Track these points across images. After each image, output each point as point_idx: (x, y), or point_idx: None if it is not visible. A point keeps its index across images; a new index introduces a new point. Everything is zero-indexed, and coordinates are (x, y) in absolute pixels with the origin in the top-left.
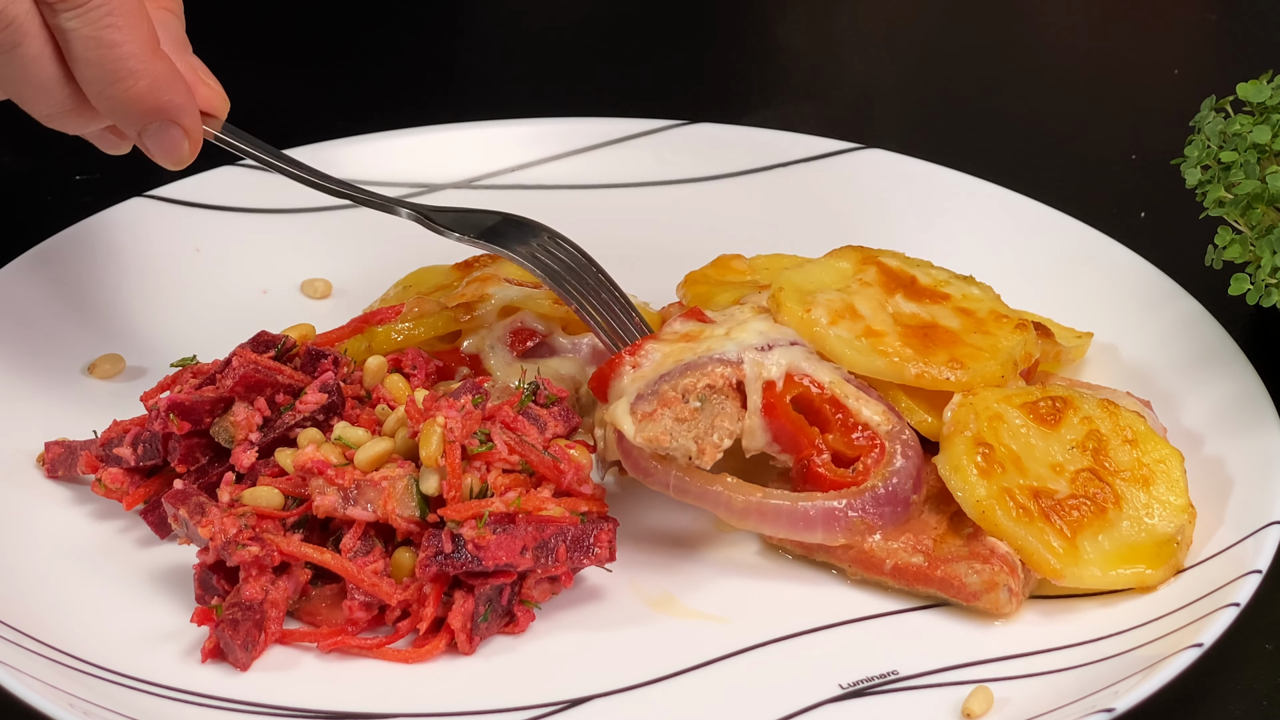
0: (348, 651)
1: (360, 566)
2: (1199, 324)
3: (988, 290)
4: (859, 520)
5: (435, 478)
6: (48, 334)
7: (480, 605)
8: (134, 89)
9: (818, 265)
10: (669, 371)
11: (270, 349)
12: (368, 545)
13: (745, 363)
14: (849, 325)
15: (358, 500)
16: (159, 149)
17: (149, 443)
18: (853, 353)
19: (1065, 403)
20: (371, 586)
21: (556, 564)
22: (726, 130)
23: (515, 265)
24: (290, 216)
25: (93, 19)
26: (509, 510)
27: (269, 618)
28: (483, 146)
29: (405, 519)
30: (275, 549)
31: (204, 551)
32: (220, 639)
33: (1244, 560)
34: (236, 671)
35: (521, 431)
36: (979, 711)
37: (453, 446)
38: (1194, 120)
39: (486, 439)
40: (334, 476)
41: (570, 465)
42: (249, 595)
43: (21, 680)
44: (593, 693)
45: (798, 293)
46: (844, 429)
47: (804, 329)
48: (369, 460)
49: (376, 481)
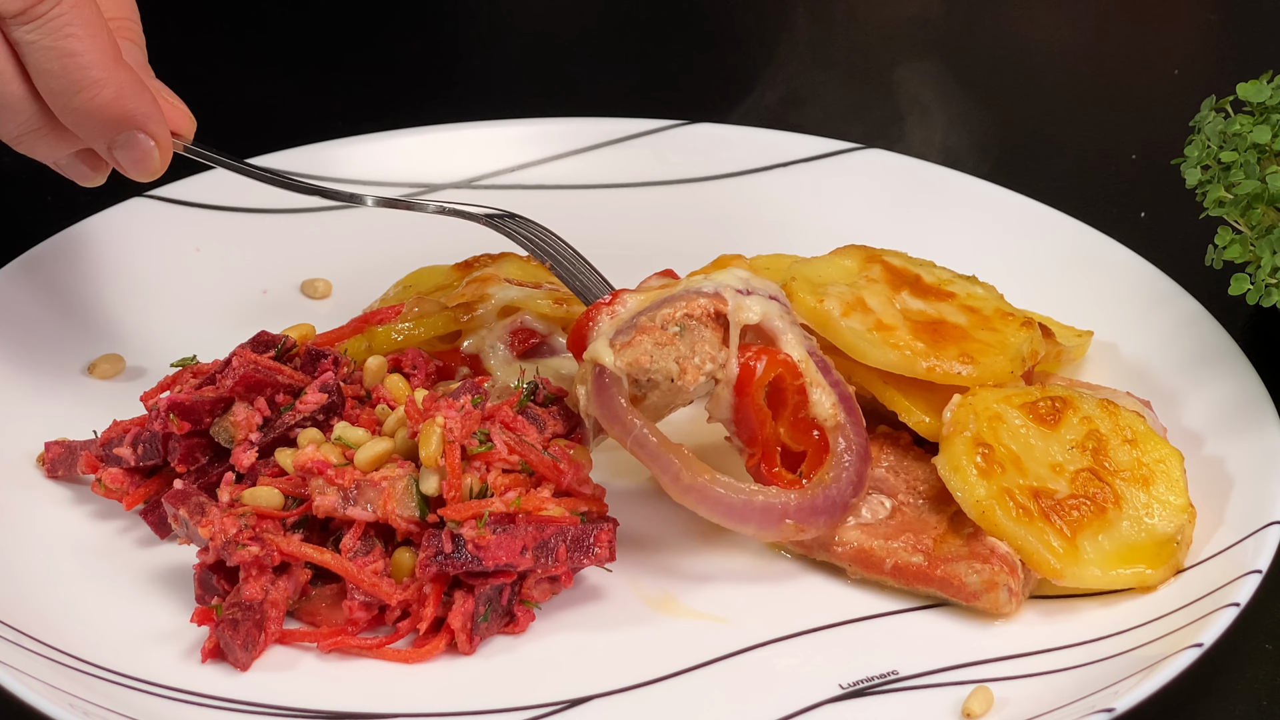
0: (348, 652)
1: (360, 566)
2: (1199, 324)
3: (991, 290)
4: (793, 525)
5: (435, 478)
6: (48, 334)
7: (480, 605)
8: (99, 97)
9: (823, 262)
10: (647, 307)
11: (270, 349)
12: (368, 545)
13: (726, 296)
14: (860, 318)
15: (357, 500)
16: (129, 160)
17: (149, 443)
18: (865, 344)
19: (1065, 403)
20: (371, 587)
21: (556, 564)
22: (726, 130)
23: (515, 265)
24: (290, 216)
25: (51, 29)
26: (509, 510)
27: (269, 618)
28: (483, 146)
29: (405, 519)
30: (275, 549)
31: (204, 551)
32: (220, 639)
33: (1244, 560)
34: (236, 671)
35: (521, 431)
36: (979, 711)
37: (452, 446)
38: (1194, 120)
39: (486, 439)
40: (334, 477)
41: (570, 465)
42: (249, 595)
43: (21, 680)
44: (593, 693)
45: (809, 284)
46: (794, 420)
47: (817, 319)
48: (369, 460)
49: (376, 482)
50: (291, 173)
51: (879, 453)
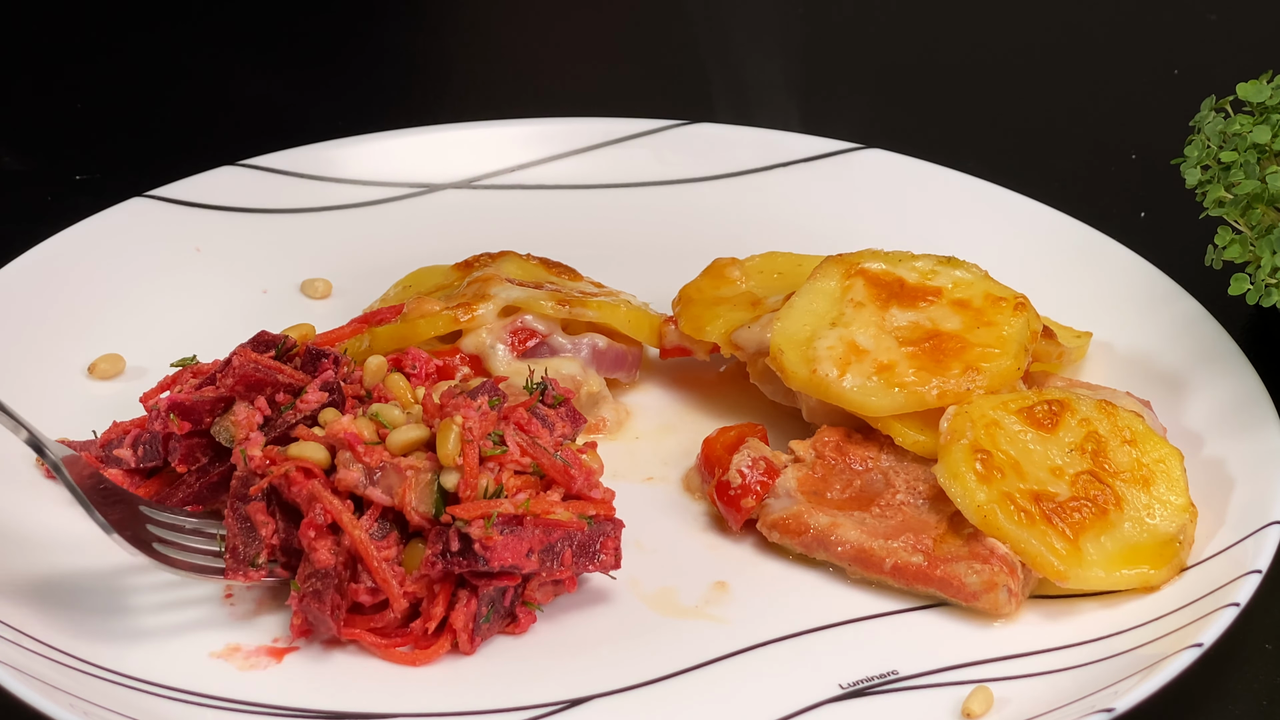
0: (360, 645)
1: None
2: (1199, 324)
3: (973, 269)
4: None
5: (454, 476)
6: (48, 334)
7: (483, 606)
8: None
9: (804, 297)
10: None
11: (270, 349)
12: (383, 529)
13: None
14: (858, 367)
15: (379, 482)
16: None
17: (149, 444)
18: (874, 399)
19: (1062, 405)
20: (381, 576)
21: (561, 568)
22: (726, 130)
23: (515, 265)
24: (290, 216)
25: None
26: (518, 512)
27: (345, 579)
28: (483, 146)
29: (419, 514)
30: (324, 503)
31: (246, 484)
32: (307, 613)
33: (1244, 560)
34: (237, 671)
35: (534, 434)
36: (979, 711)
37: (470, 446)
38: (1194, 120)
39: (500, 441)
40: (363, 454)
41: (581, 470)
42: (321, 561)
43: (21, 680)
44: (593, 693)
45: (796, 348)
46: None
47: (816, 388)
48: (401, 444)
49: (402, 469)
50: (292, 173)
51: (879, 453)
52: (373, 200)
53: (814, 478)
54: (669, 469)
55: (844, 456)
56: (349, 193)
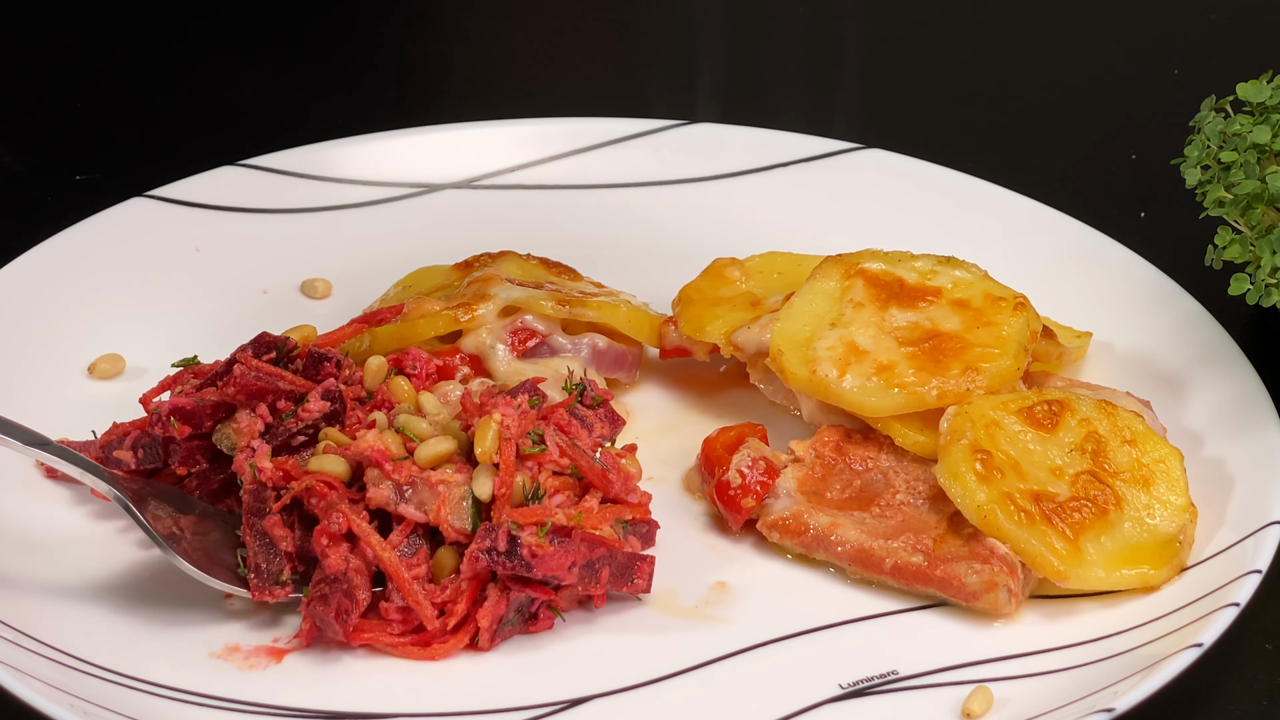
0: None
1: (406, 568)
2: (1199, 324)
3: (973, 269)
4: None
5: (489, 479)
6: (48, 334)
7: (510, 611)
8: None
9: (804, 297)
10: None
11: (272, 350)
12: (413, 546)
13: None
14: (857, 368)
15: (411, 499)
16: None
17: (149, 447)
18: (874, 399)
19: (1062, 406)
20: (413, 598)
21: (597, 585)
22: (726, 130)
23: (515, 265)
24: (290, 216)
25: None
26: (569, 524)
27: (356, 585)
28: (483, 146)
29: (456, 529)
30: (344, 515)
31: (260, 490)
32: (314, 617)
33: (1244, 560)
34: (237, 671)
35: (573, 435)
36: (979, 711)
37: (508, 444)
38: (1194, 120)
39: (540, 440)
40: (391, 471)
41: (619, 474)
42: (332, 567)
43: (21, 680)
44: (593, 693)
45: (796, 349)
46: None
47: (816, 389)
48: (430, 458)
49: (433, 484)
50: (291, 173)
51: (879, 453)
52: (372, 200)
53: (814, 478)
54: (669, 469)
55: (844, 457)
56: (349, 193)
